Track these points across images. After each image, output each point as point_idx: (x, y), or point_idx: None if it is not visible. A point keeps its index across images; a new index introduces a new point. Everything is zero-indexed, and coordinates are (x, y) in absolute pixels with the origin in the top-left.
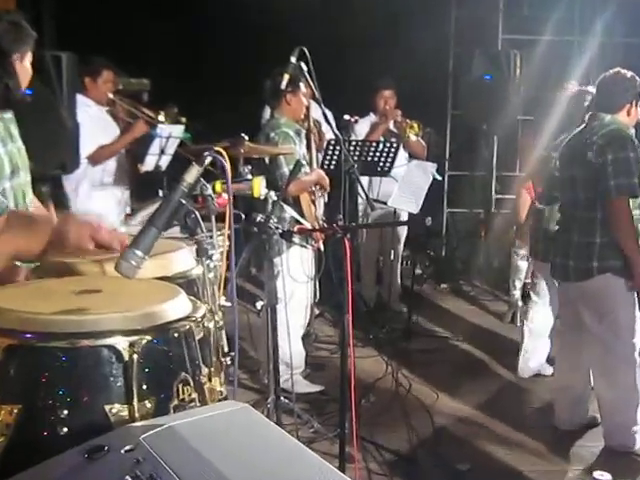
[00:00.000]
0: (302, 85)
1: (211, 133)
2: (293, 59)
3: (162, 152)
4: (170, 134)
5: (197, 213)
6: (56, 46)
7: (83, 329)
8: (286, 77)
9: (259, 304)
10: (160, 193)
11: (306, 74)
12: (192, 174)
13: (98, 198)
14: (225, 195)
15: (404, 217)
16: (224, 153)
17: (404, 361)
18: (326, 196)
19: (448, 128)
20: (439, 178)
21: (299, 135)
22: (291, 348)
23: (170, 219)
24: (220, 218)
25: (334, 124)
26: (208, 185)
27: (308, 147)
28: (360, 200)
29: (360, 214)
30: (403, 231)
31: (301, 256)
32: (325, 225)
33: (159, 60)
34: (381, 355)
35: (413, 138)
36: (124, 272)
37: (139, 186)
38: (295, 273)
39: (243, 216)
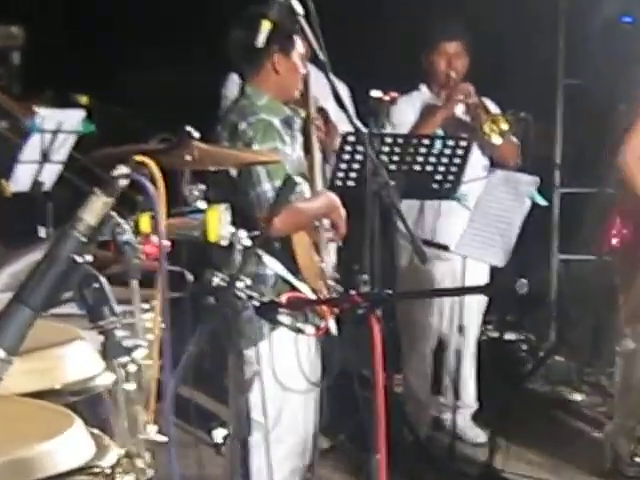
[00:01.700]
0: (298, 40)
1: (134, 124)
2: None
3: (45, 158)
4: (59, 126)
5: (103, 280)
6: None
7: None
8: (266, 25)
9: (218, 433)
10: (42, 233)
11: (301, 20)
12: (94, 209)
13: None
14: (156, 239)
15: (480, 274)
16: (152, 165)
17: None
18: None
19: (559, 111)
20: (543, 203)
21: (290, 127)
22: None
23: (55, 291)
24: (148, 281)
25: (352, 107)
26: (126, 224)
27: (307, 149)
28: (400, 243)
29: (401, 269)
30: (480, 300)
31: (295, 346)
32: (338, 291)
33: None
34: None
35: (498, 141)
36: None
37: (1, 219)
38: (284, 376)
39: (190, 277)
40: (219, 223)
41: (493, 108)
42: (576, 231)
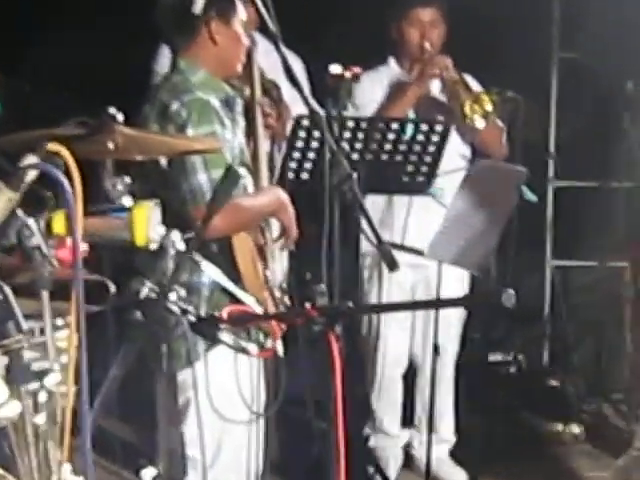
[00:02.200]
0: (240, 5)
1: (46, 104)
2: None
3: None
4: None
5: (7, 291)
6: None
7: None
8: None
9: (148, 473)
10: None
11: None
12: None
13: None
14: (72, 243)
15: (460, 284)
16: (67, 154)
17: None
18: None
19: (553, 89)
20: (533, 199)
21: (231, 109)
22: None
23: None
24: (63, 293)
25: (308, 86)
26: (34, 224)
27: (250, 135)
28: (365, 247)
29: (366, 277)
30: (459, 315)
31: (235, 369)
32: (288, 304)
33: None
34: None
35: (481, 124)
36: None
37: None
38: (222, 404)
39: (113, 287)
40: (147, 223)
41: (475, 86)
42: (573, 233)
